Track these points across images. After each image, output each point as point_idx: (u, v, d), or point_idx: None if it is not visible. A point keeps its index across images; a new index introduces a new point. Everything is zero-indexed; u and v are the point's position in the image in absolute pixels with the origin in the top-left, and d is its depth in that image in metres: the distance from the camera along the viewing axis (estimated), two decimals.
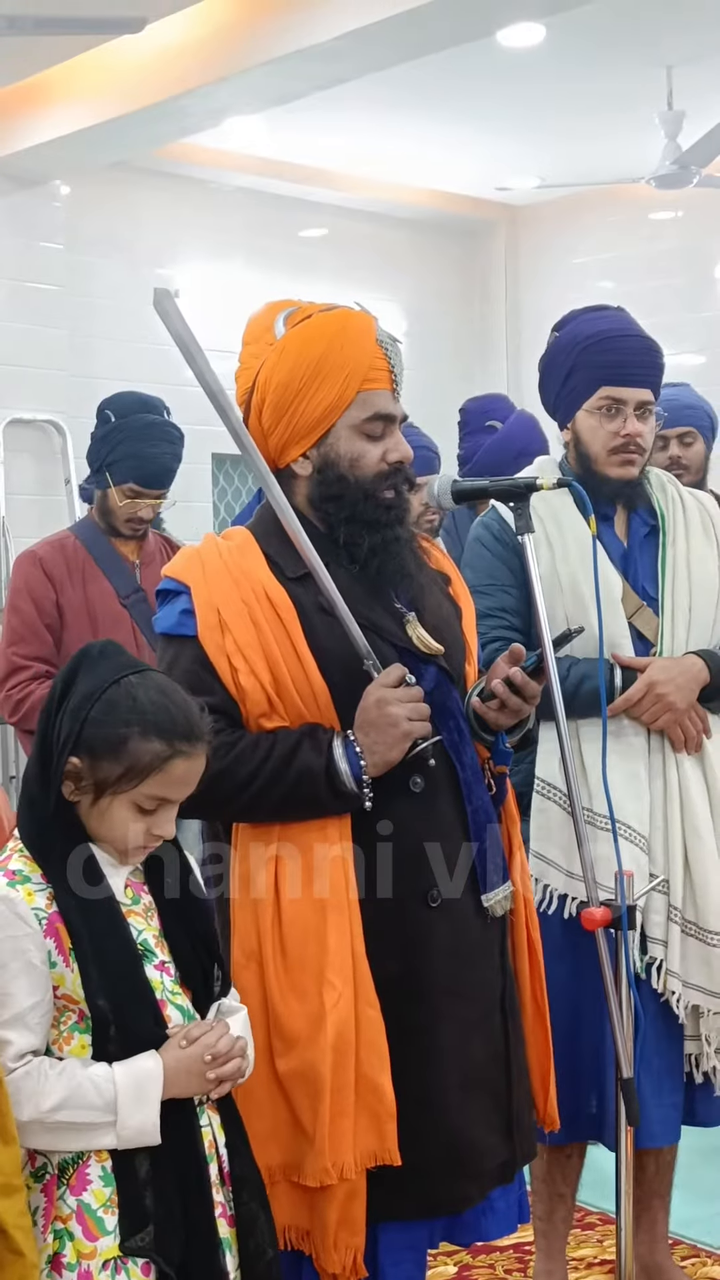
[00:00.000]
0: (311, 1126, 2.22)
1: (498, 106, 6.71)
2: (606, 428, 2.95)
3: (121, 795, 1.96)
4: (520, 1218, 2.50)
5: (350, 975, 2.24)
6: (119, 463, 4.09)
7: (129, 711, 1.96)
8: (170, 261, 7.43)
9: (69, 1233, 1.91)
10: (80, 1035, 1.96)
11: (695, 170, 6.44)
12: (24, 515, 6.57)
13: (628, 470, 2.97)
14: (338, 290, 5.09)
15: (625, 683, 2.89)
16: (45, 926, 1.94)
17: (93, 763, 1.96)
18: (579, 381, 2.98)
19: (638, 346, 2.98)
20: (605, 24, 5.69)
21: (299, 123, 6.71)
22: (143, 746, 1.95)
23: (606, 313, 3.06)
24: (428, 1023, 2.31)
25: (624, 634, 2.92)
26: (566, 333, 3.04)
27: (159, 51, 5.61)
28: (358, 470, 2.36)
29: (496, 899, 2.39)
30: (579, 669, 2.87)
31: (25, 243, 6.65)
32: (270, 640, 2.28)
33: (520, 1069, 2.44)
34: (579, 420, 2.99)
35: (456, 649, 2.45)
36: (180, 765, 1.98)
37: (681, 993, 2.87)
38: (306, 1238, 2.26)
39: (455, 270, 8.59)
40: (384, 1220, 2.29)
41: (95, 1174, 1.93)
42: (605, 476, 2.97)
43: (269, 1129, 2.24)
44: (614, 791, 2.77)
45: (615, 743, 2.86)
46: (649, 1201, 3.07)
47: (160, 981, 2.01)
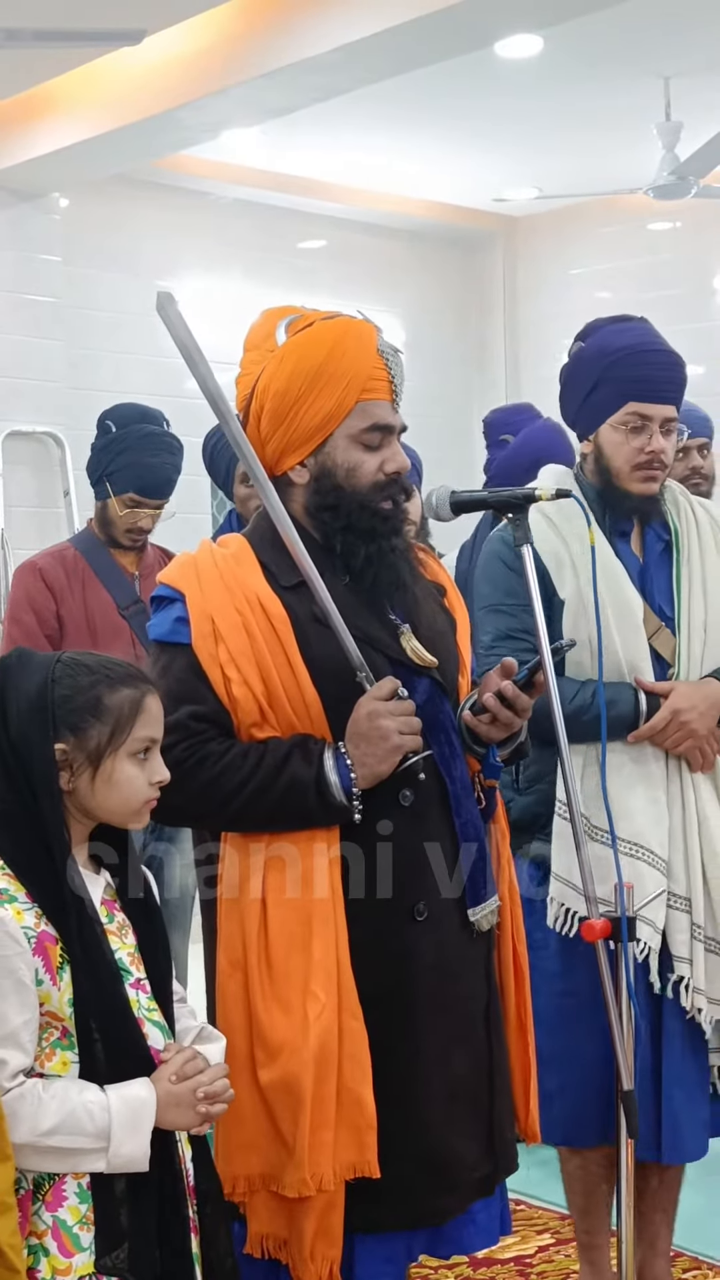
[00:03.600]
0: (292, 1137, 2.21)
1: (495, 118, 6.71)
2: (631, 444, 2.94)
3: (120, 750, 2.01)
4: (502, 1229, 2.49)
5: (335, 987, 2.23)
6: (119, 473, 4.11)
7: (86, 677, 2.02)
8: (169, 273, 7.43)
9: (44, 1248, 1.91)
10: (62, 1052, 1.96)
11: (693, 181, 6.44)
12: (23, 527, 6.57)
13: (649, 486, 2.97)
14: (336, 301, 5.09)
15: (649, 708, 2.89)
16: (34, 945, 1.94)
17: (79, 737, 2.00)
18: (605, 395, 2.96)
19: (665, 361, 2.97)
20: (603, 35, 5.69)
21: (297, 135, 6.71)
22: (117, 697, 2.02)
23: (632, 325, 3.04)
24: (411, 1036, 2.30)
25: (644, 656, 2.92)
26: (592, 344, 3.00)
27: (157, 64, 5.62)
28: (354, 480, 2.35)
29: (483, 913, 2.38)
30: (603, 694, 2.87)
31: (23, 255, 6.65)
32: (263, 650, 2.28)
33: (503, 1082, 2.44)
34: (603, 434, 2.98)
35: (450, 661, 2.44)
36: (152, 701, 2.06)
37: (707, 1008, 2.89)
38: (284, 1247, 2.26)
39: (453, 281, 8.59)
40: (363, 1232, 2.28)
41: (71, 1190, 1.94)
42: (627, 492, 2.96)
43: (249, 1139, 2.24)
44: (636, 817, 2.86)
45: (636, 768, 2.91)
46: (651, 1215, 3.06)
47: (136, 1000, 2.02)
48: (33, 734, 1.98)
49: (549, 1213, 3.65)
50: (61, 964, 1.95)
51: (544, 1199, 3.67)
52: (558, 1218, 3.60)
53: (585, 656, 2.88)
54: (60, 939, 1.95)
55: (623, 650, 2.90)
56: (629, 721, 2.89)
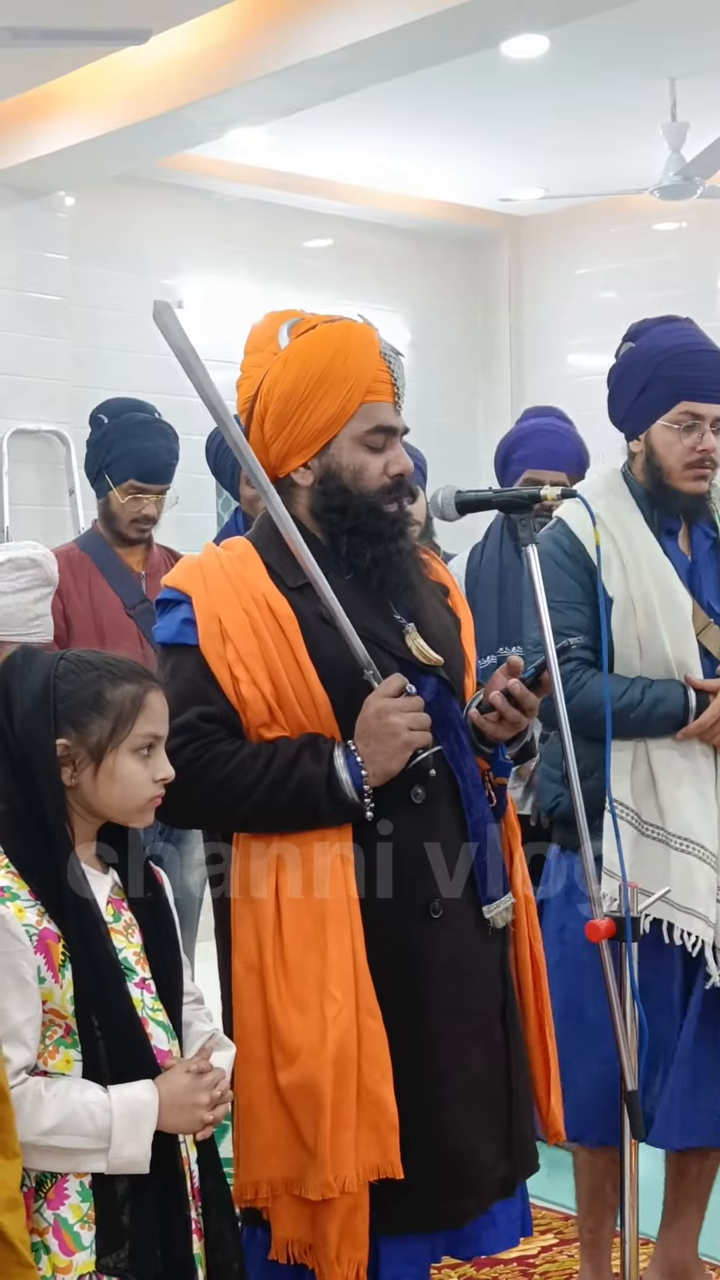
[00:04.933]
0: (313, 1140, 2.21)
1: (501, 118, 6.71)
2: (684, 442, 2.96)
3: (121, 746, 2.02)
4: (523, 1231, 2.48)
5: (352, 987, 2.23)
6: (116, 462, 4.15)
7: (89, 673, 2.03)
8: (174, 272, 7.43)
9: (45, 1246, 1.92)
10: (65, 1050, 1.96)
11: (699, 181, 6.44)
12: (28, 526, 6.56)
13: (700, 485, 2.99)
14: (342, 300, 5.08)
15: (698, 705, 2.90)
16: (36, 942, 1.94)
17: (81, 733, 2.00)
18: (657, 394, 2.98)
19: (714, 361, 3.00)
20: (609, 36, 5.69)
21: (303, 134, 6.71)
22: (119, 693, 2.03)
23: (680, 325, 3.08)
24: (428, 1035, 2.30)
25: (693, 653, 2.94)
26: (642, 344, 3.04)
27: (163, 63, 5.62)
28: (360, 482, 2.36)
29: (497, 911, 2.38)
30: (653, 691, 2.89)
31: (29, 253, 6.65)
32: (271, 650, 2.28)
33: (521, 1082, 2.44)
34: (654, 433, 3.00)
35: (456, 660, 2.45)
36: (155, 698, 2.06)
37: None
38: (309, 1252, 2.25)
39: (459, 281, 8.58)
40: (385, 1234, 2.27)
41: (73, 1189, 1.94)
42: (678, 490, 2.99)
43: (270, 1143, 2.24)
44: (683, 810, 2.88)
45: (685, 763, 2.92)
46: (686, 1205, 3.07)
47: (141, 999, 2.02)
48: (36, 730, 1.99)
49: (552, 1213, 3.65)
50: (63, 961, 1.95)
51: (547, 1199, 3.67)
52: (561, 1218, 3.60)
53: (634, 655, 2.90)
54: (62, 936, 1.95)
55: (671, 648, 2.91)
56: (678, 718, 2.90)
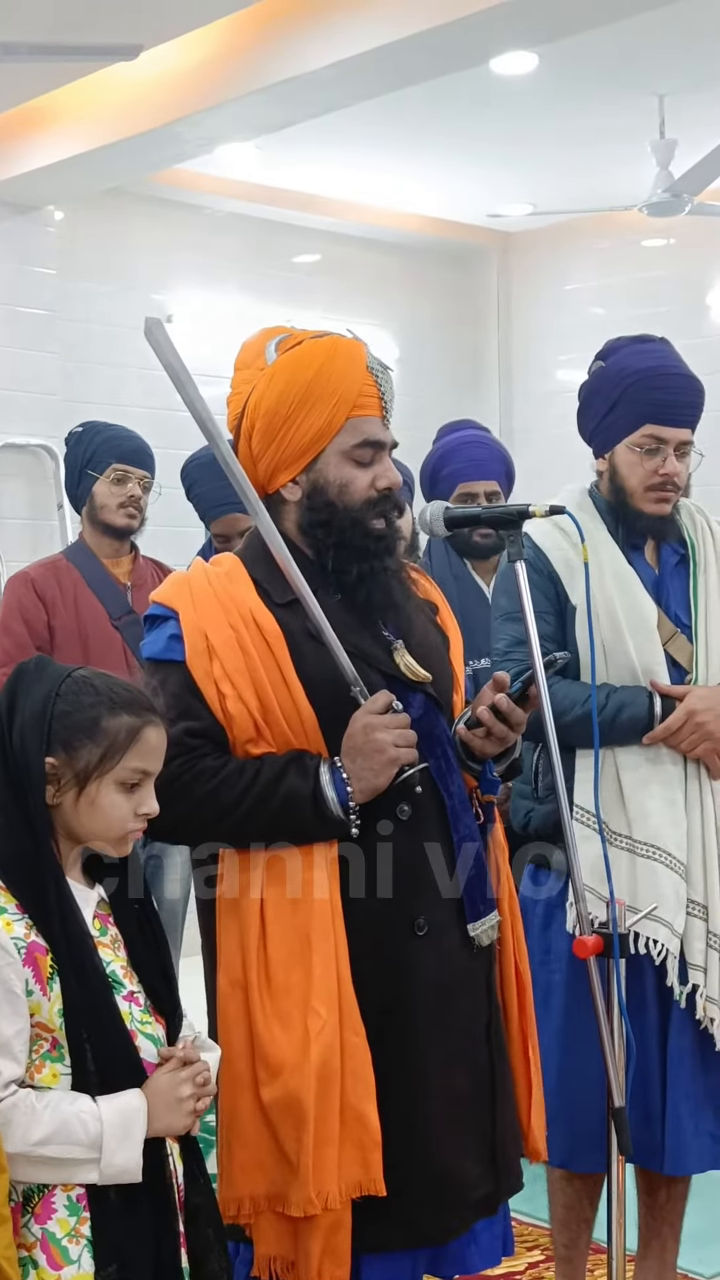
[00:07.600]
0: (296, 1156, 2.20)
1: (490, 134, 6.73)
2: (646, 465, 2.96)
3: (106, 777, 2.00)
4: (505, 1250, 2.48)
5: (335, 1003, 2.22)
6: (97, 452, 4.28)
7: (91, 697, 2.02)
8: (163, 287, 7.44)
9: (33, 1261, 1.91)
10: (51, 1064, 1.96)
11: (687, 198, 6.46)
12: (16, 539, 6.57)
13: (661, 508, 2.99)
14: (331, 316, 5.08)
15: (664, 710, 2.89)
16: (24, 955, 1.94)
17: (70, 755, 1.99)
18: (622, 416, 2.98)
19: (684, 385, 2.99)
20: (598, 53, 5.71)
21: (292, 149, 6.72)
22: (115, 723, 2.01)
23: (653, 346, 3.06)
24: (412, 1053, 2.29)
25: (659, 661, 2.93)
26: (613, 364, 3.02)
27: (153, 78, 5.63)
28: (346, 496, 2.35)
29: (483, 929, 2.38)
30: (618, 697, 2.89)
31: (18, 268, 6.66)
32: (258, 666, 2.28)
33: (505, 1101, 2.43)
34: (618, 454, 2.99)
35: (444, 677, 2.44)
36: (152, 733, 2.04)
37: (719, 1018, 2.87)
38: (291, 1269, 2.24)
39: (448, 296, 8.60)
40: (368, 1251, 2.27)
41: (61, 1203, 1.94)
42: (639, 511, 2.98)
43: (253, 1159, 2.23)
44: (652, 819, 2.85)
45: (653, 770, 2.91)
46: (659, 1229, 3.06)
47: (129, 1012, 2.02)
48: (30, 743, 1.99)
49: (539, 1229, 3.64)
50: (51, 974, 1.95)
51: (534, 1216, 3.66)
52: (548, 1234, 3.59)
53: (601, 663, 2.89)
54: (50, 949, 1.95)
55: (636, 655, 2.91)
56: (643, 723, 2.89)
